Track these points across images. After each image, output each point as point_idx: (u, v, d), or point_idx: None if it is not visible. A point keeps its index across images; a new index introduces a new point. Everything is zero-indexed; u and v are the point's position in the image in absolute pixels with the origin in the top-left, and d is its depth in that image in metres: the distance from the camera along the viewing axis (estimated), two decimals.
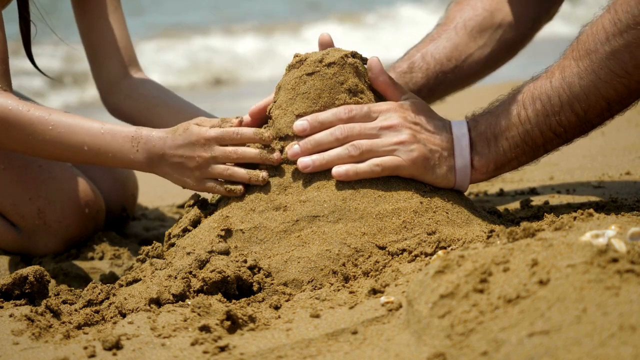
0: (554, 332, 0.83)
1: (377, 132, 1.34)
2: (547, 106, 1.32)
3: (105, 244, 1.86)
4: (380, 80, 1.38)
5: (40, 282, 1.34)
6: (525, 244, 0.99)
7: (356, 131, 1.34)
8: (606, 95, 1.29)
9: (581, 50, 1.29)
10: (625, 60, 1.26)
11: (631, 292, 0.84)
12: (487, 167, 1.37)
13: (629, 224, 1.10)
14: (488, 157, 1.36)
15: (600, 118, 1.34)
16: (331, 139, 1.34)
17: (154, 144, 1.41)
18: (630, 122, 2.85)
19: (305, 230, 1.31)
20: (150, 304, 1.23)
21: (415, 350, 0.97)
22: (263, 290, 1.27)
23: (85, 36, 1.87)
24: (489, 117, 1.37)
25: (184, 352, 1.07)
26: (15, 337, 1.17)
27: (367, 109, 1.35)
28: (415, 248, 1.28)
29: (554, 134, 1.34)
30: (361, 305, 1.14)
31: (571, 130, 1.34)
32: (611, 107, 1.31)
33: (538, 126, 1.33)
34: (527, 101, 1.33)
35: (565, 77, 1.31)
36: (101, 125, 1.45)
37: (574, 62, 1.30)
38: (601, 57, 1.27)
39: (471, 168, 1.36)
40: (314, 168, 1.33)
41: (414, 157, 1.33)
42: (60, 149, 1.47)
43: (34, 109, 1.47)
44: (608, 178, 2.06)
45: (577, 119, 1.32)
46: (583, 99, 1.30)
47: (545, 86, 1.32)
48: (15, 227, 1.77)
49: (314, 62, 1.38)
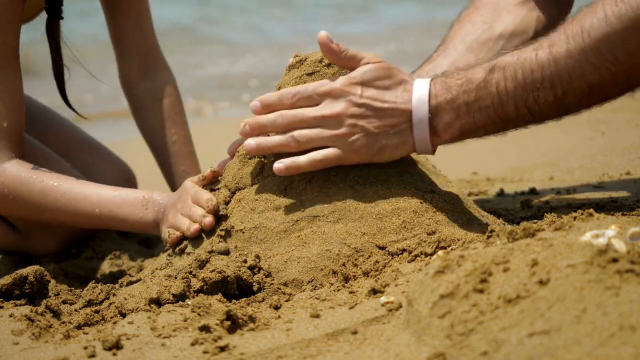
0: (554, 332, 0.83)
1: (318, 121, 1.30)
2: (528, 79, 1.26)
3: (105, 244, 1.86)
4: (332, 57, 1.33)
5: (40, 282, 1.34)
6: (525, 244, 1.00)
7: (297, 119, 1.30)
8: (590, 79, 1.24)
9: (575, 27, 1.24)
10: (617, 45, 1.21)
11: (631, 292, 0.84)
12: (452, 134, 1.31)
13: (629, 224, 1.10)
14: (455, 124, 1.30)
15: (578, 104, 1.28)
16: (274, 125, 1.32)
17: (160, 203, 1.46)
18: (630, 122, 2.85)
19: (305, 230, 1.31)
20: (150, 304, 1.23)
21: (415, 350, 0.97)
22: (263, 290, 1.27)
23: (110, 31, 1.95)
24: (465, 82, 1.29)
25: (184, 352, 1.07)
26: (15, 337, 1.17)
27: (311, 92, 1.31)
28: (415, 248, 1.28)
29: (529, 110, 1.28)
30: (361, 305, 1.14)
31: (546, 110, 1.28)
32: (592, 93, 1.26)
33: (514, 100, 1.27)
34: (509, 71, 1.27)
35: (552, 51, 1.25)
36: (113, 190, 1.51)
37: (564, 38, 1.25)
38: (594, 38, 1.22)
39: (433, 134, 1.30)
40: (258, 151, 1.33)
41: (355, 148, 1.30)
42: (72, 216, 1.53)
43: (46, 178, 1.52)
44: (608, 178, 2.06)
45: (554, 99, 1.26)
46: (566, 78, 1.24)
47: (531, 57, 1.26)
48: (15, 227, 1.77)
49: (314, 62, 1.38)
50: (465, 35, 1.75)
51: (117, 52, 1.96)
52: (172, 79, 1.98)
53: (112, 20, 1.92)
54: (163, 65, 1.98)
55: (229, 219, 1.36)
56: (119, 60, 1.97)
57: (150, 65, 1.96)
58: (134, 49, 1.93)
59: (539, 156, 2.60)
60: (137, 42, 1.93)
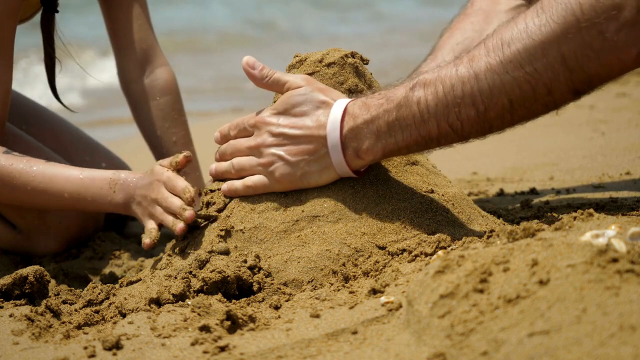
0: (554, 332, 0.83)
1: (248, 151, 1.36)
2: (448, 96, 1.22)
3: (105, 244, 1.86)
4: (255, 83, 1.36)
5: (40, 282, 1.34)
6: (525, 244, 0.99)
7: (236, 149, 1.38)
8: (510, 92, 1.19)
9: (496, 40, 1.20)
10: (537, 57, 1.17)
11: (631, 292, 0.84)
12: (374, 155, 1.29)
13: (629, 224, 1.11)
14: (376, 146, 1.28)
15: (500, 120, 1.23)
16: (225, 153, 1.40)
17: (130, 184, 1.48)
18: (631, 122, 2.85)
19: (305, 230, 1.31)
20: (150, 304, 1.23)
21: (415, 350, 0.97)
22: (263, 290, 1.27)
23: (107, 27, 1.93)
24: (385, 102, 1.27)
25: (184, 352, 1.07)
26: (15, 337, 1.17)
27: (245, 124, 1.37)
28: (415, 248, 1.28)
29: (451, 127, 1.24)
30: (361, 305, 1.14)
31: (469, 126, 1.24)
32: (513, 107, 1.21)
33: (436, 117, 1.23)
34: (430, 88, 1.24)
35: (472, 66, 1.21)
36: (80, 171, 1.52)
37: (484, 52, 1.21)
38: (514, 50, 1.18)
39: (354, 157, 1.29)
40: (216, 175, 1.42)
41: (277, 177, 1.33)
42: (43, 198, 1.54)
43: (16, 162, 1.53)
44: (608, 178, 2.06)
45: (476, 115, 1.22)
46: (486, 93, 1.20)
47: (451, 73, 1.23)
48: (15, 227, 1.77)
49: (313, 62, 1.38)
50: (454, 43, 1.75)
51: (115, 48, 1.93)
52: (172, 76, 1.94)
53: (108, 15, 1.89)
54: (162, 62, 1.94)
55: (229, 219, 1.36)
56: (117, 57, 1.94)
57: (149, 61, 1.92)
58: (132, 44, 1.90)
59: (539, 156, 2.60)
60: (135, 37, 1.90)
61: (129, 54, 1.91)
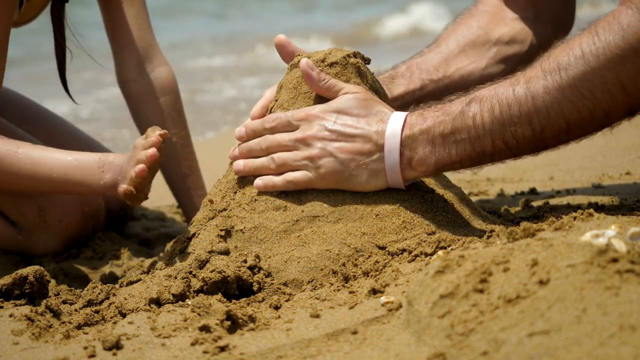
0: (554, 332, 0.83)
1: (293, 144, 1.34)
2: (505, 114, 1.24)
3: (105, 244, 1.86)
4: (311, 85, 1.36)
5: (40, 282, 1.34)
6: (525, 244, 0.99)
7: (275, 143, 1.35)
8: (568, 115, 1.22)
9: (552, 63, 1.23)
10: (596, 84, 1.19)
11: (631, 292, 0.84)
12: (426, 167, 1.30)
13: (629, 224, 1.11)
14: (430, 158, 1.29)
15: (556, 140, 1.27)
16: (258, 148, 1.37)
17: (117, 164, 1.48)
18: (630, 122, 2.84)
19: (305, 230, 1.31)
20: (150, 304, 1.23)
21: (415, 350, 0.97)
22: (263, 290, 1.27)
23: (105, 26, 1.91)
24: (441, 114, 1.29)
25: (184, 352, 1.07)
26: (15, 337, 1.17)
27: (289, 119, 1.35)
28: (415, 248, 1.28)
29: (505, 145, 1.26)
30: (361, 305, 1.14)
31: (523, 145, 1.27)
32: (570, 130, 1.24)
33: (491, 134, 1.26)
34: (486, 105, 1.26)
35: (530, 87, 1.23)
36: (67, 154, 1.52)
37: (542, 74, 1.23)
38: (572, 76, 1.20)
39: (407, 167, 1.30)
40: (245, 173, 1.38)
41: (322, 174, 1.31)
42: (29, 181, 1.54)
43: (2, 144, 1.53)
44: (608, 178, 2.07)
45: (532, 135, 1.25)
46: (544, 114, 1.23)
47: (507, 93, 1.25)
48: (16, 226, 1.77)
49: (316, 61, 1.38)
50: (460, 36, 1.75)
51: (114, 47, 1.90)
52: (172, 75, 1.92)
53: (107, 14, 1.87)
54: (162, 61, 1.91)
55: (229, 219, 1.36)
56: (116, 56, 1.91)
57: (149, 60, 1.89)
58: (131, 43, 1.88)
59: (539, 156, 2.60)
60: (134, 36, 1.87)
61: (128, 53, 1.88)
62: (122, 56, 1.90)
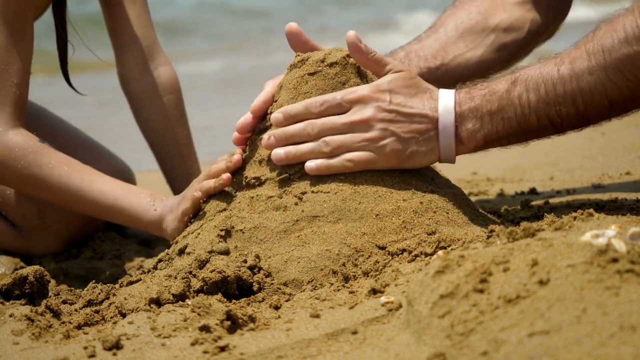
0: (554, 332, 0.83)
1: (348, 127, 1.32)
2: (550, 93, 1.30)
3: (105, 244, 1.86)
4: (359, 57, 1.35)
5: (40, 282, 1.34)
6: (525, 244, 1.00)
7: (327, 127, 1.33)
8: (611, 95, 1.28)
9: (596, 44, 1.28)
10: (638, 66, 1.24)
11: (631, 292, 0.84)
12: (476, 143, 1.34)
13: (629, 224, 1.11)
14: (479, 133, 1.33)
15: (599, 117, 1.32)
16: (303, 134, 1.34)
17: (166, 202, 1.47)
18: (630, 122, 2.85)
19: (305, 230, 1.31)
20: (150, 304, 1.23)
21: (415, 350, 0.97)
22: (263, 290, 1.27)
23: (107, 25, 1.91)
24: (487, 93, 1.33)
25: (184, 352, 1.07)
26: (15, 337, 1.17)
27: (340, 100, 1.33)
28: (415, 248, 1.28)
29: (550, 122, 1.32)
30: (361, 305, 1.14)
31: (568, 122, 1.32)
32: (612, 108, 1.30)
33: (536, 112, 1.31)
34: (531, 84, 1.31)
35: (574, 68, 1.28)
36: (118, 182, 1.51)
37: (585, 55, 1.28)
38: (615, 58, 1.26)
39: (459, 143, 1.34)
40: (287, 160, 1.34)
41: (386, 153, 1.32)
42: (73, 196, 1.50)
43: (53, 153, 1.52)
44: (608, 178, 2.07)
45: (576, 113, 1.31)
46: (587, 94, 1.28)
47: (552, 73, 1.30)
48: (16, 226, 1.77)
49: (315, 61, 1.38)
50: (458, 21, 1.76)
51: (115, 46, 1.89)
52: (174, 75, 1.91)
53: (108, 13, 1.86)
54: (164, 60, 1.90)
55: (229, 219, 1.36)
56: (117, 55, 1.90)
57: (151, 59, 1.88)
58: (133, 42, 1.86)
59: (539, 156, 2.60)
60: (136, 35, 1.86)
61: (130, 52, 1.88)
62: (124, 55, 1.89)
